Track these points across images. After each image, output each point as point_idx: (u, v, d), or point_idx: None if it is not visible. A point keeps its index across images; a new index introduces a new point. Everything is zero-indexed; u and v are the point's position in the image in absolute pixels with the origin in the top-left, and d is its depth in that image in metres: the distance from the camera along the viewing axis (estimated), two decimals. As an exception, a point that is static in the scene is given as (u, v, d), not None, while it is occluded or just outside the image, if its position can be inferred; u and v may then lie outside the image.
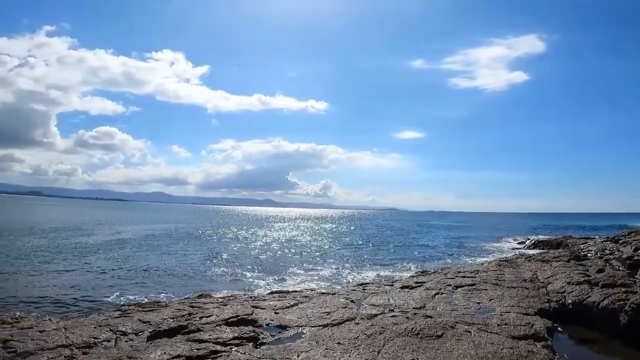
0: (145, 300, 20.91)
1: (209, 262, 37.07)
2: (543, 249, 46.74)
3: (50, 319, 14.59)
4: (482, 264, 28.50)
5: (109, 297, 22.65)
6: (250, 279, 28.87)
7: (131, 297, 22.46)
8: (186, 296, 21.79)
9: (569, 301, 15.11)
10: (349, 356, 9.67)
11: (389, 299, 15.49)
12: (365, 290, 17.78)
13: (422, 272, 28.12)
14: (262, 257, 41.66)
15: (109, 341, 11.16)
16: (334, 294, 17.34)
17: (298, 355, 9.73)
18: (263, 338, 11.09)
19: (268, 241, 60.66)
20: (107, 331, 11.81)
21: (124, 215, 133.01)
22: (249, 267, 34.52)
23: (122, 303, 20.43)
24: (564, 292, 16.05)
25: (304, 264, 36.51)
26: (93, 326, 12.24)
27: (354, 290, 18.48)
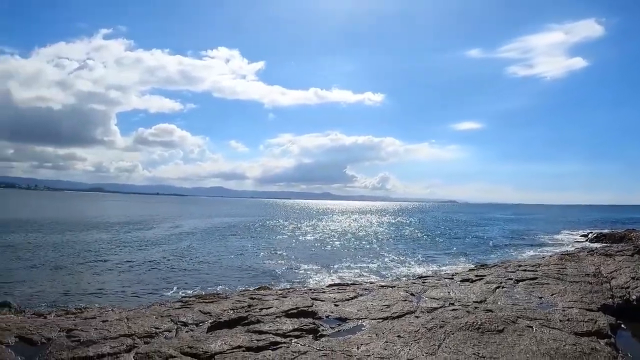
0: (205, 292, 21.25)
1: (266, 254, 37.40)
2: (606, 242, 45.25)
3: (112, 310, 14.94)
4: (543, 257, 27.81)
5: (169, 289, 23.09)
6: (309, 272, 28.91)
7: (191, 289, 22.85)
8: (245, 288, 22.04)
9: (634, 297, 14.40)
10: (409, 349, 9.45)
11: (449, 293, 15.21)
12: (425, 283, 17.50)
13: (481, 265, 27.71)
14: (320, 249, 41.74)
15: (170, 331, 11.30)
16: (394, 286, 17.10)
17: (358, 348, 9.58)
18: (323, 330, 10.98)
19: (326, 234, 60.79)
20: (168, 322, 11.96)
21: (183, 210, 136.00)
22: (307, 259, 34.63)
23: (182, 295, 20.81)
24: (628, 287, 15.37)
25: (362, 257, 36.33)
26: (154, 317, 12.42)
27: (414, 283, 18.25)
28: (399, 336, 10.25)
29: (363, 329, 11.13)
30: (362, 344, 9.78)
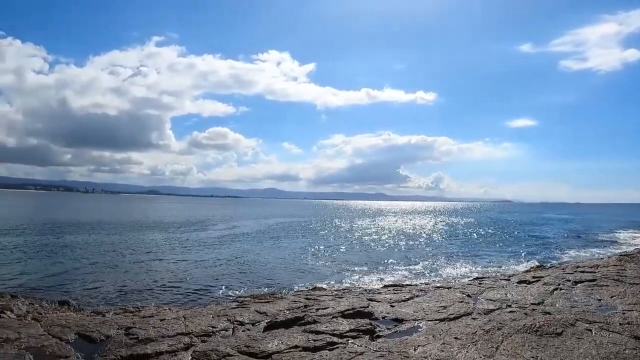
0: (259, 292, 21.42)
1: (318, 255, 37.40)
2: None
3: (169, 309, 15.22)
4: (602, 258, 27.25)
5: (223, 288, 23.29)
6: (362, 272, 28.67)
7: (245, 289, 22.99)
8: (300, 288, 22.18)
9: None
10: (467, 352, 9.33)
11: (505, 294, 15.00)
12: (481, 285, 17.35)
13: (538, 266, 27.16)
14: (372, 250, 41.44)
15: (226, 330, 11.47)
16: (450, 287, 17.02)
17: (415, 349, 9.50)
18: (379, 331, 10.96)
19: (378, 234, 60.37)
20: (225, 321, 12.12)
21: (237, 211, 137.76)
22: (360, 260, 34.40)
23: (238, 294, 21.01)
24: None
25: (416, 258, 35.85)
26: (211, 316, 12.60)
27: (470, 284, 18.13)
28: (456, 338, 10.16)
29: (419, 330, 11.05)
30: (419, 346, 9.71)
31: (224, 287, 23.83)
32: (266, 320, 12.17)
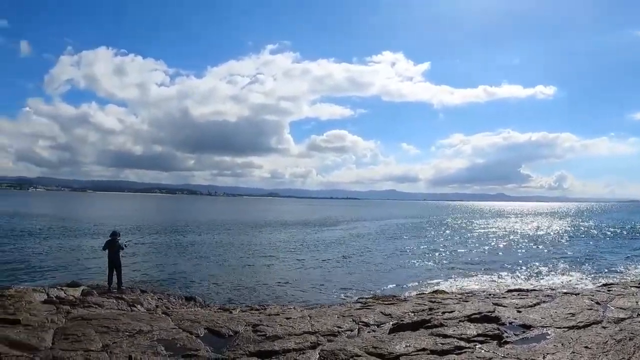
0: (380, 293, 21.39)
1: (439, 256, 36.93)
2: None
3: (294, 308, 15.54)
4: None
5: (345, 288, 23.50)
6: (484, 275, 27.89)
7: (366, 290, 23.10)
8: (421, 291, 21.89)
9: None
10: (598, 362, 8.81)
11: (637, 302, 13.99)
12: (611, 292, 16.28)
13: (672, 273, 24.87)
14: (493, 252, 40.21)
15: (352, 330, 11.51)
16: (577, 294, 16.09)
17: (544, 357, 9.11)
18: (507, 337, 10.54)
19: (499, 236, 58.43)
20: (350, 321, 12.18)
21: (356, 212, 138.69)
22: (481, 262, 33.59)
23: (359, 295, 21.09)
24: None
25: (538, 261, 34.23)
26: (336, 316, 12.70)
27: (598, 290, 17.13)
28: (586, 347, 9.64)
29: (548, 337, 10.58)
30: (547, 354, 9.32)
31: (344, 287, 24.08)
32: (392, 322, 12.10)
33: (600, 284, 22.17)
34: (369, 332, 11.46)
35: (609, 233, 64.86)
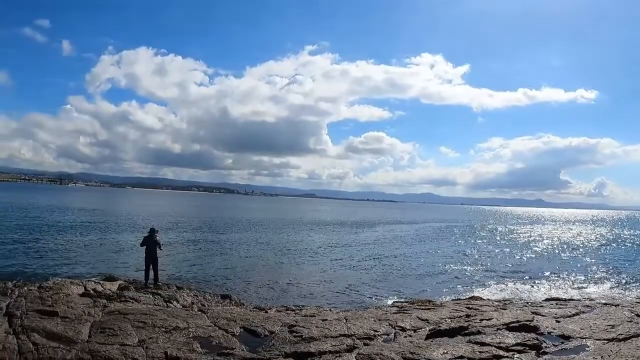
0: (417, 297, 21.18)
1: (475, 261, 36.57)
2: None
3: (330, 310, 15.50)
4: None
5: (380, 291, 23.41)
6: (521, 282, 27.45)
7: (400, 294, 22.98)
8: (457, 296, 21.71)
9: None
10: (639, 377, 8.60)
11: None
12: None
13: None
14: (530, 259, 39.57)
15: (388, 335, 11.43)
16: (617, 305, 15.69)
17: None
18: (545, 347, 10.38)
19: (536, 243, 57.42)
20: (387, 325, 12.09)
21: (393, 215, 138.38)
22: (518, 269, 33.18)
23: (395, 298, 20.98)
24: None
25: (576, 270, 33.45)
26: (372, 319, 12.61)
27: (639, 302, 16.84)
28: None
29: (587, 349, 10.37)
30: None
31: (378, 289, 24.00)
32: (428, 328, 11.96)
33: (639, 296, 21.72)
34: (405, 337, 11.35)
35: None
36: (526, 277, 29.48)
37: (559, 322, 12.54)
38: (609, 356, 9.71)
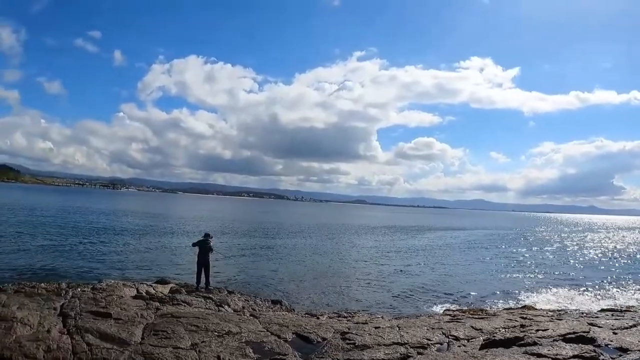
0: (470, 305, 20.95)
1: (526, 270, 35.90)
2: None
3: (382, 317, 15.40)
4: None
5: (431, 298, 23.19)
6: (575, 292, 26.81)
7: (454, 301, 22.74)
8: (510, 305, 21.34)
9: None
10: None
11: None
12: None
13: None
14: (583, 268, 38.57)
15: (441, 344, 11.27)
16: None
17: None
18: (603, 359, 10.05)
19: (589, 252, 55.90)
20: (440, 334, 11.93)
21: (443, 221, 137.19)
22: (570, 278, 32.51)
23: (447, 306, 20.73)
24: None
25: (630, 279, 32.43)
26: (425, 328, 12.48)
27: None
28: None
29: None
30: None
31: (429, 296, 23.81)
32: (483, 337, 11.73)
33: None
34: (459, 346, 11.16)
35: None
36: (579, 287, 28.79)
37: (616, 333, 12.15)
38: (669, 370, 9.38)
